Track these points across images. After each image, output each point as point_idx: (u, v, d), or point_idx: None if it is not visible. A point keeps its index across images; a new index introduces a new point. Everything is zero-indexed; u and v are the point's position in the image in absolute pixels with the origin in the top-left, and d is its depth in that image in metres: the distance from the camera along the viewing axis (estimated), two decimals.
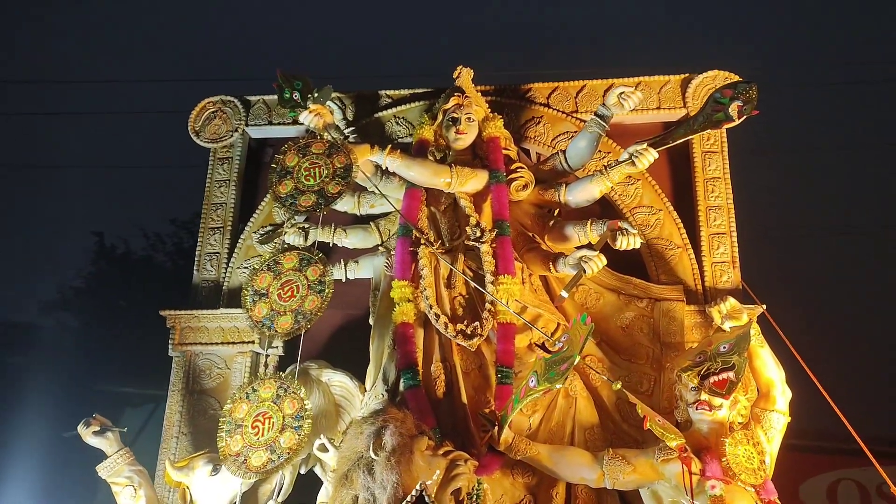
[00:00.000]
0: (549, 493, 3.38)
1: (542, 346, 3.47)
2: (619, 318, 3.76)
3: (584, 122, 3.93)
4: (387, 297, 3.58)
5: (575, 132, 4.10)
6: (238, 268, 4.18)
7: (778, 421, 3.36)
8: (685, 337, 3.69)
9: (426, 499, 2.84)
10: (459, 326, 3.46)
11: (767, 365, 3.43)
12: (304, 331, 3.37)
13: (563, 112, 4.28)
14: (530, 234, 3.83)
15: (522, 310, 3.60)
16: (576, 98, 4.32)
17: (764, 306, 3.76)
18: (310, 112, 3.72)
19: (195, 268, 4.18)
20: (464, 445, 3.31)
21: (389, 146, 3.75)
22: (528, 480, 3.41)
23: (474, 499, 3.25)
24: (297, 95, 3.76)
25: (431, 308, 3.48)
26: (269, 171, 3.59)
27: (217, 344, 3.92)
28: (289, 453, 3.11)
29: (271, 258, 3.52)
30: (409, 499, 2.82)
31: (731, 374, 3.20)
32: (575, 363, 2.93)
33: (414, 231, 3.62)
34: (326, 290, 3.41)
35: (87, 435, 3.40)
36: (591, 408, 3.56)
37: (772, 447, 3.34)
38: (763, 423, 3.36)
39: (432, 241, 3.65)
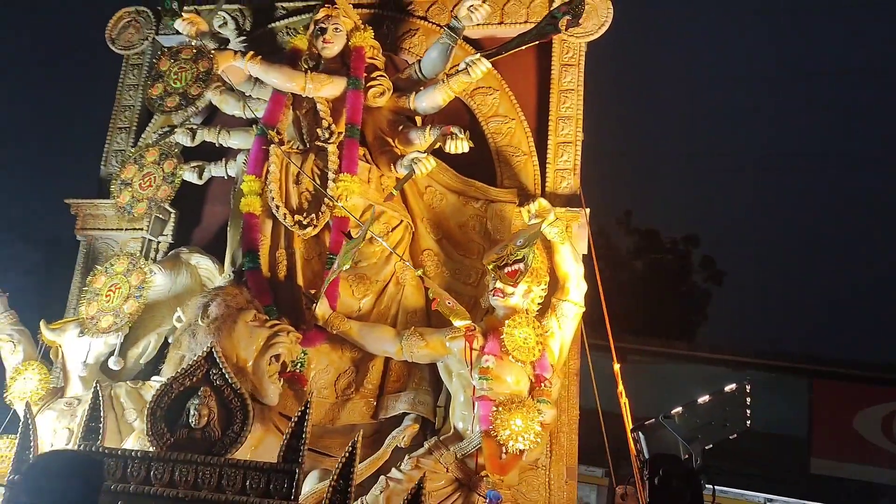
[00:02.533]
0: (367, 366, 4.02)
1: (347, 234, 4.03)
2: (458, 217, 4.27)
3: None
4: (240, 190, 4.22)
5: None
6: None
7: (570, 310, 3.87)
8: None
9: (216, 356, 3.47)
10: (298, 218, 4.05)
11: (566, 260, 3.92)
12: (153, 216, 4.07)
13: (437, 25, 4.68)
14: (387, 139, 4.35)
15: (368, 206, 4.17)
16: (451, 11, 4.69)
17: (587, 210, 4.21)
18: (183, 20, 4.29)
19: (102, 162, 4.88)
20: (297, 322, 3.97)
21: (251, 53, 4.30)
22: (353, 354, 4.03)
23: (297, 366, 3.93)
24: (175, 5, 4.33)
25: (273, 200, 4.08)
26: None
27: (113, 230, 4.66)
28: (129, 318, 3.85)
29: (137, 153, 4.19)
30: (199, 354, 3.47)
31: (520, 266, 3.71)
32: (352, 251, 3.54)
33: (268, 131, 4.21)
34: (176, 182, 4.09)
35: None
36: (419, 294, 4.12)
37: (563, 333, 3.86)
38: (557, 311, 3.88)
39: (285, 140, 4.22)
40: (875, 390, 8.25)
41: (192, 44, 4.22)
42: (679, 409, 3.18)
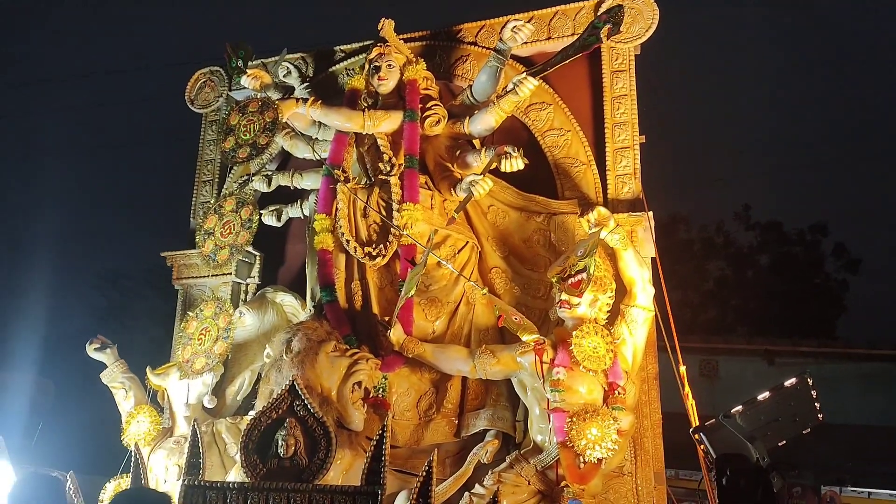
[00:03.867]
0: (446, 386, 4.31)
1: (411, 261, 4.33)
2: (522, 233, 4.51)
3: None
4: (312, 229, 4.63)
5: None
6: None
7: (639, 315, 4.02)
8: None
9: (297, 388, 3.83)
10: (367, 249, 4.42)
11: (630, 266, 4.07)
12: (236, 261, 4.56)
13: (487, 48, 4.96)
14: (446, 164, 4.66)
15: (434, 232, 4.48)
16: (500, 34, 4.97)
17: (650, 213, 4.33)
18: (248, 76, 4.79)
19: (191, 215, 5.47)
20: (375, 349, 4.32)
21: (311, 99, 4.74)
22: (433, 376, 4.34)
23: (380, 391, 4.27)
24: (240, 63, 4.84)
25: (343, 235, 4.47)
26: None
27: (204, 277, 5.20)
28: (219, 357, 4.32)
29: (216, 203, 4.71)
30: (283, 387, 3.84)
31: (583, 276, 3.90)
32: (416, 276, 3.86)
33: (333, 171, 4.61)
34: (253, 227, 4.56)
35: (90, 350, 4.82)
36: (489, 313, 4.37)
37: (635, 338, 4.01)
38: (626, 317, 4.02)
39: (350, 178, 4.61)
40: None
41: (258, 97, 4.70)
42: (739, 407, 3.25)
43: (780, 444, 3.25)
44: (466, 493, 3.90)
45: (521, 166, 4.24)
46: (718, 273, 22.08)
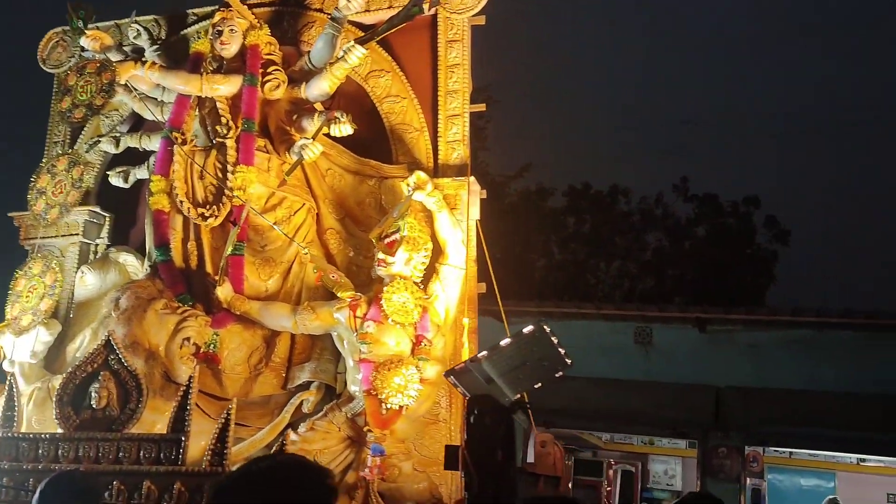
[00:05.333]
0: (275, 341, 4.70)
1: (232, 222, 4.67)
2: (356, 195, 4.91)
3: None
4: (149, 190, 4.94)
5: None
6: None
7: (450, 273, 4.45)
8: None
9: (112, 343, 4.16)
10: (201, 210, 4.77)
11: (444, 227, 4.49)
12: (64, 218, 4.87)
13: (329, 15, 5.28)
14: (286, 128, 5.00)
15: (270, 194, 4.84)
16: (337, 1, 5.25)
17: (471, 178, 4.74)
18: (87, 37, 5.04)
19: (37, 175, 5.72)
20: (209, 307, 4.68)
21: (150, 62, 5.02)
22: (265, 332, 4.72)
23: (211, 346, 4.63)
24: (80, 24, 5.08)
25: (177, 196, 4.81)
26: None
27: (52, 237, 5.46)
28: (44, 314, 4.64)
29: (48, 163, 5.00)
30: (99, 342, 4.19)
31: (397, 236, 4.31)
32: (233, 235, 4.23)
33: (171, 133, 4.91)
34: (83, 187, 4.88)
35: None
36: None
37: (448, 295, 4.44)
38: (440, 275, 4.45)
39: (188, 140, 4.92)
40: None
41: (97, 58, 4.96)
42: (485, 352, 3.68)
43: (536, 386, 3.69)
44: (280, 440, 4.30)
45: (350, 131, 4.60)
46: (656, 244, 22.86)
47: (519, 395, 3.67)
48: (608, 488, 12.61)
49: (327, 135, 4.70)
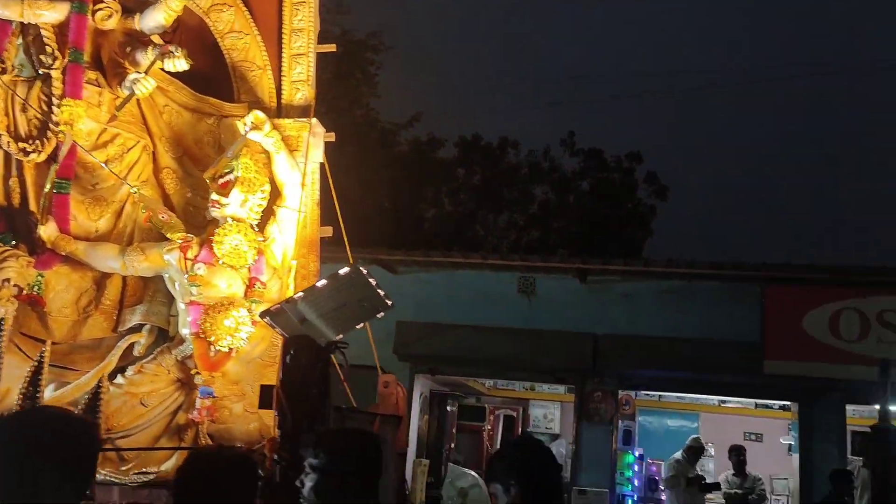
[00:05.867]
0: (106, 283, 4.53)
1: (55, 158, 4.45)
2: (194, 134, 4.74)
3: None
4: None
5: None
6: None
7: (287, 215, 4.38)
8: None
9: None
10: (22, 145, 4.49)
11: (281, 168, 4.41)
12: None
13: None
14: (119, 60, 4.74)
15: (102, 130, 4.60)
16: None
17: (313, 120, 4.66)
18: None
19: None
20: (33, 247, 4.44)
21: None
22: (95, 274, 4.54)
23: (35, 288, 4.42)
24: None
25: None
26: None
27: None
28: None
29: None
30: None
31: (231, 176, 4.19)
32: (52, 172, 4.01)
33: None
34: None
35: None
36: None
37: (285, 237, 4.38)
38: (277, 217, 4.39)
39: (8, 69, 4.60)
40: (822, 291, 8.97)
41: None
42: (301, 293, 3.68)
43: (358, 327, 3.72)
44: (105, 383, 4.17)
45: (185, 66, 4.41)
46: (543, 197, 23.32)
47: (339, 336, 3.67)
48: (490, 432, 12.99)
49: (165, 70, 4.49)
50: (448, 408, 12.29)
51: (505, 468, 2.20)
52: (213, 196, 4.25)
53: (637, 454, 10.28)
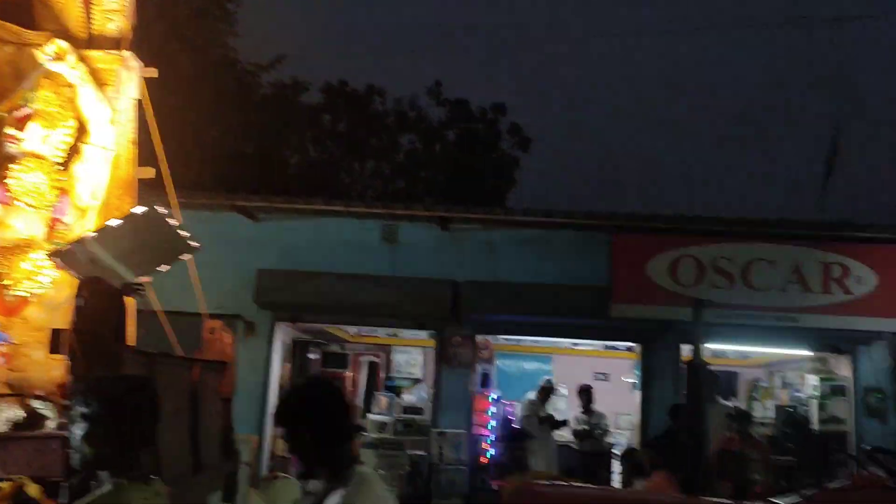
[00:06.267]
0: None
1: None
2: None
3: None
4: None
5: None
6: None
7: (95, 154, 4.04)
8: None
9: None
10: None
11: (87, 103, 4.04)
12: None
13: None
14: None
15: None
16: None
17: (128, 52, 4.30)
18: None
19: None
20: None
21: None
22: None
23: None
24: None
25: None
26: None
27: None
28: None
29: None
30: None
31: (27, 109, 3.79)
32: None
33: None
34: None
35: None
36: None
37: (94, 177, 4.04)
38: (83, 155, 4.03)
39: None
40: (664, 240, 9.32)
41: None
42: (91, 233, 3.45)
43: (161, 269, 3.49)
44: None
45: None
46: (410, 146, 23.16)
47: (142, 277, 3.42)
48: (354, 379, 12.94)
49: None
50: (310, 355, 12.14)
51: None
52: (9, 130, 3.83)
53: (494, 396, 10.53)
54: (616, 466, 9.52)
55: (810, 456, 6.94)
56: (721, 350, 10.91)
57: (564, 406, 11.16)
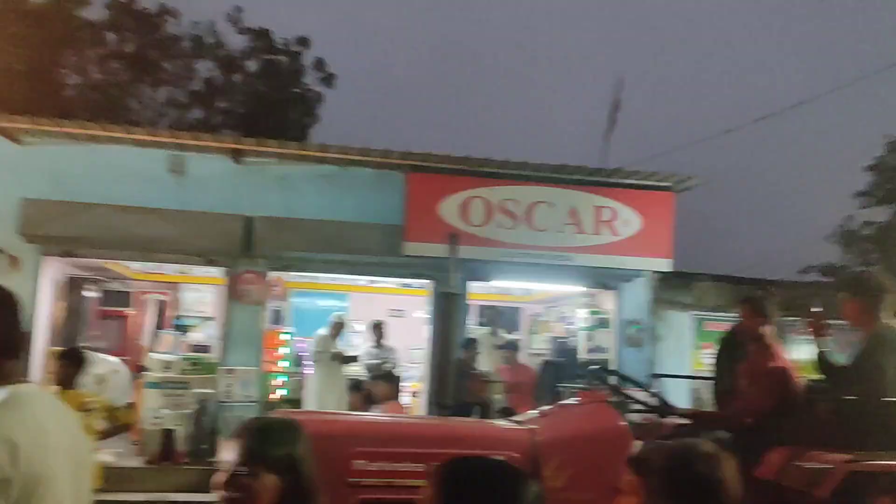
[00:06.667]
0: None
1: None
2: None
3: None
4: None
5: None
6: None
7: None
8: None
9: None
10: None
11: None
12: None
13: None
14: None
15: None
16: None
17: None
18: None
19: None
20: None
21: None
22: None
23: None
24: None
25: None
26: None
27: None
28: None
29: None
30: None
31: None
32: None
33: None
34: None
35: None
36: None
37: None
38: None
39: None
40: (456, 180, 9.46)
41: None
42: None
43: None
44: None
45: None
46: (207, 74, 21.95)
47: None
48: (139, 318, 12.27)
49: None
50: (87, 293, 11.37)
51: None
52: None
53: (287, 333, 10.49)
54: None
55: (572, 380, 7.61)
56: (507, 287, 11.58)
57: (360, 342, 11.35)
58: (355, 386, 8.11)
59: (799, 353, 4.26)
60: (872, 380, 3.86)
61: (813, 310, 4.45)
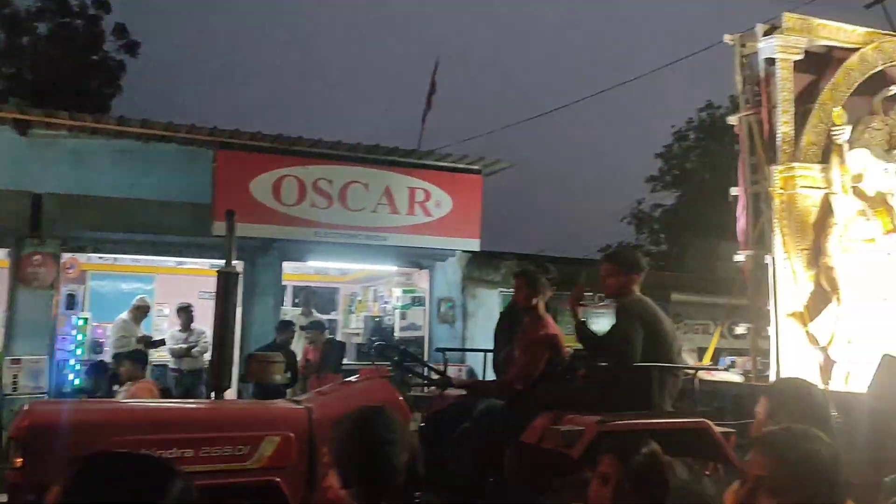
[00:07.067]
0: None
1: None
2: None
3: None
4: None
5: None
6: None
7: None
8: None
9: None
10: None
11: None
12: None
13: None
14: None
15: None
16: None
17: None
18: None
19: None
20: None
21: None
22: None
23: None
24: None
25: None
26: None
27: None
28: None
29: None
30: None
31: None
32: None
33: None
34: None
35: None
36: None
37: None
38: None
39: None
40: (268, 158, 9.10)
41: None
42: None
43: None
44: None
45: None
46: None
47: None
48: None
49: None
50: None
51: None
52: None
53: (83, 318, 9.74)
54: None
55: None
56: (323, 268, 11.46)
57: (166, 326, 10.77)
58: (98, 366, 7.61)
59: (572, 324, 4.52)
60: (619, 349, 4.08)
61: (577, 284, 4.75)
